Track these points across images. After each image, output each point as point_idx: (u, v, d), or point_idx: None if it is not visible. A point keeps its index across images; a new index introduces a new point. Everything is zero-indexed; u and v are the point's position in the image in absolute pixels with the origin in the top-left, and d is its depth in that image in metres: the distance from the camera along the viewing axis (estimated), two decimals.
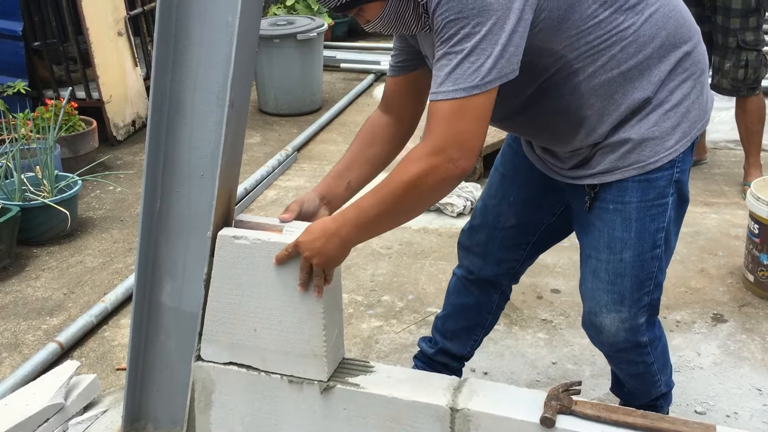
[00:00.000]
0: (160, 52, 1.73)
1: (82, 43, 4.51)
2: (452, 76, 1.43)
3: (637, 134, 1.64)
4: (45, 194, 3.40)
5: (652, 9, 1.61)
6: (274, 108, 5.33)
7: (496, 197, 2.00)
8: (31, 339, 2.73)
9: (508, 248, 2.02)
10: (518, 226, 1.98)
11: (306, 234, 1.65)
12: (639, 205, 1.68)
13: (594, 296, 1.78)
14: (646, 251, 1.71)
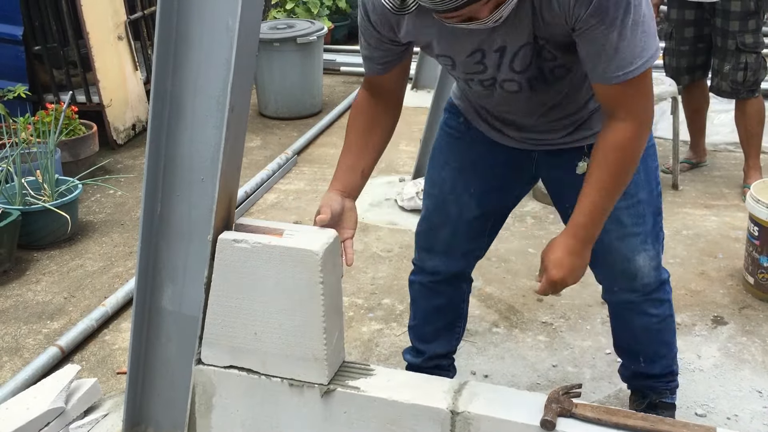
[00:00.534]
0: (160, 56, 1.73)
1: (82, 47, 4.52)
2: (640, 46, 1.48)
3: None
4: (45, 198, 3.41)
5: None
6: (274, 111, 5.34)
7: (454, 191, 1.97)
8: (32, 343, 2.73)
9: (472, 239, 2.02)
10: (481, 216, 1.98)
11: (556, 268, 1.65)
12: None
13: (624, 242, 1.83)
14: (654, 188, 1.84)
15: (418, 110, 5.25)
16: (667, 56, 3.92)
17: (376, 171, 4.30)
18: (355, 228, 1.84)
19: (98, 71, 4.46)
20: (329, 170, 4.37)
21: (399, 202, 3.76)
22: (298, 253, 1.71)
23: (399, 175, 4.19)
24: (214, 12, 1.67)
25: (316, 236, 1.75)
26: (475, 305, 2.90)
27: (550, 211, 3.67)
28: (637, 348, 2.05)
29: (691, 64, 3.83)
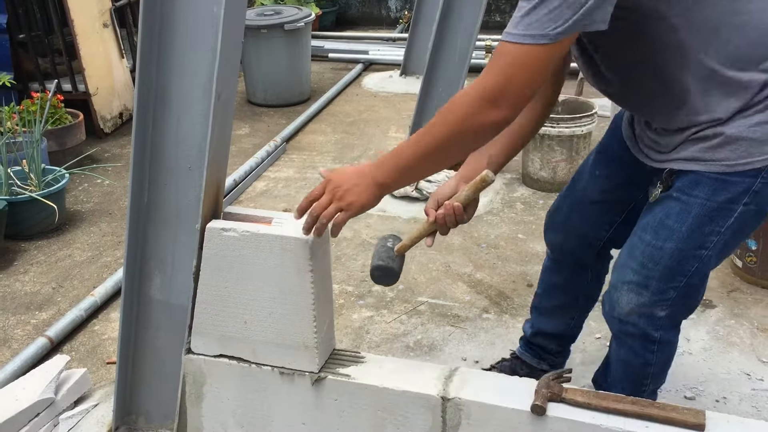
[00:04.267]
0: (144, 45, 1.71)
1: (67, 35, 4.47)
2: (526, 19, 1.37)
3: (734, 130, 1.54)
4: (32, 188, 3.38)
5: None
6: (262, 99, 5.30)
7: (585, 170, 1.97)
8: (20, 334, 2.72)
9: (589, 224, 1.97)
10: (602, 203, 1.92)
11: (337, 173, 1.58)
12: (704, 203, 1.60)
13: (621, 271, 1.73)
14: (691, 249, 1.63)
15: (407, 96, 5.24)
16: None
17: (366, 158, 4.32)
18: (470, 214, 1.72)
19: (84, 59, 4.41)
20: (318, 157, 4.36)
21: None
22: (287, 241, 1.70)
23: None
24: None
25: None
26: (465, 291, 2.90)
27: (540, 197, 3.67)
28: (609, 362, 1.97)
29: None
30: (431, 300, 2.84)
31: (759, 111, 1.54)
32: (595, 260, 2.05)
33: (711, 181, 1.58)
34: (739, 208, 1.59)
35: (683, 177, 1.63)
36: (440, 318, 2.73)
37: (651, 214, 1.69)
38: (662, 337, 1.75)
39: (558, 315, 2.16)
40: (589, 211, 1.96)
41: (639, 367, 1.82)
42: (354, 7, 7.90)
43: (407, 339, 2.62)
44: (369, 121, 4.90)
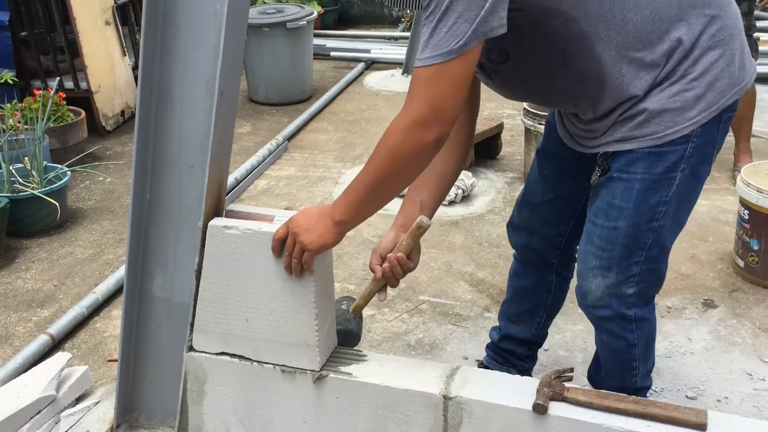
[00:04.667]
0: (147, 42, 1.71)
1: (69, 32, 4.47)
2: (431, 41, 1.42)
3: (656, 104, 1.60)
4: (34, 185, 3.38)
5: None
6: (264, 97, 5.31)
7: (535, 173, 2.02)
8: (22, 331, 2.72)
9: (550, 223, 2.01)
10: (557, 200, 1.97)
11: (301, 213, 1.65)
12: (644, 177, 1.66)
13: (584, 259, 1.79)
14: (642, 223, 1.69)
15: None
16: None
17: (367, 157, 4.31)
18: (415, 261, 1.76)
19: (86, 57, 4.42)
20: (320, 156, 4.36)
21: None
22: None
23: None
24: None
25: None
26: (467, 290, 2.90)
27: None
28: (598, 355, 2.02)
29: None
30: (433, 299, 2.84)
31: (674, 82, 1.60)
32: (560, 259, 2.09)
33: (646, 156, 1.65)
34: (678, 175, 1.66)
35: (619, 157, 1.69)
36: (442, 317, 2.73)
37: (598, 199, 1.76)
38: (636, 314, 1.80)
39: (527, 319, 2.18)
40: (546, 210, 1.99)
41: (624, 350, 1.87)
42: (356, 5, 7.90)
43: (408, 338, 2.62)
44: (371, 120, 4.90)
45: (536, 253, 2.08)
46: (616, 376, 1.95)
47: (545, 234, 2.04)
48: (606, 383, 1.97)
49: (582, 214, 1.96)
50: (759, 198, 2.75)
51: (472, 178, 3.71)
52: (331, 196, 3.76)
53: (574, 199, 1.97)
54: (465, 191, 3.65)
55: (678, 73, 1.60)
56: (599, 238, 1.75)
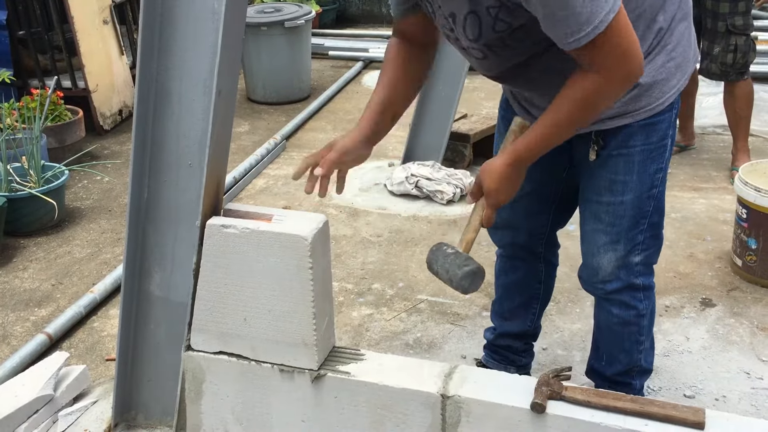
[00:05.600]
0: (145, 41, 1.71)
1: (67, 31, 4.47)
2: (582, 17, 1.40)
3: (647, 77, 1.66)
4: (32, 185, 3.37)
5: None
6: (262, 96, 5.30)
7: None
8: (20, 330, 2.71)
9: (532, 215, 2.03)
10: (535, 191, 1.97)
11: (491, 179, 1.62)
12: (642, 149, 1.73)
13: (593, 238, 1.85)
14: (644, 192, 1.78)
15: None
16: None
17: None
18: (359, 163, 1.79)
19: (84, 56, 4.41)
20: None
21: (389, 186, 3.75)
22: (288, 238, 1.70)
23: (388, 159, 4.17)
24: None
25: (306, 221, 1.74)
26: None
27: None
28: (599, 343, 2.05)
29: None
30: (431, 298, 2.84)
31: (657, 53, 1.68)
32: (545, 248, 2.12)
33: (642, 128, 1.72)
34: (669, 141, 1.77)
35: (615, 133, 1.74)
36: (440, 316, 2.73)
37: (598, 178, 1.80)
38: (643, 282, 1.89)
39: (521, 313, 2.20)
40: (526, 204, 1.99)
41: (634, 321, 1.92)
42: (354, 5, 7.90)
43: (407, 337, 2.62)
44: None
45: (522, 246, 2.10)
46: (622, 355, 1.98)
47: (529, 227, 2.06)
48: (611, 369, 2.00)
49: (560, 202, 2.00)
50: (757, 197, 2.75)
51: (470, 177, 3.71)
52: (329, 195, 3.75)
53: (552, 186, 1.99)
54: (463, 190, 3.64)
55: (660, 44, 1.67)
56: (607, 214, 1.80)
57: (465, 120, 4.14)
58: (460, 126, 4.04)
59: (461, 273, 1.59)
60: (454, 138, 3.95)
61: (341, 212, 3.57)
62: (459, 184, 3.64)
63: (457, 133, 3.97)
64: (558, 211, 2.04)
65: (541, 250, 2.11)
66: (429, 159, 3.84)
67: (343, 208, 3.62)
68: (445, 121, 3.88)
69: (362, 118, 1.77)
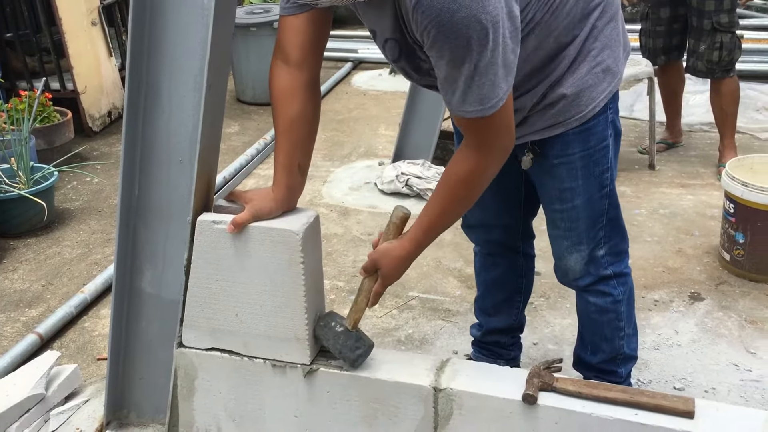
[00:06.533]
0: (135, 37, 1.71)
1: (55, 33, 4.45)
2: (473, 96, 1.47)
3: (572, 88, 1.68)
4: (21, 186, 3.36)
5: None
6: (251, 97, 5.30)
7: None
8: (10, 331, 2.70)
9: (502, 213, 2.06)
10: (501, 190, 1.98)
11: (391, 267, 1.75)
12: (582, 154, 1.76)
13: (556, 243, 1.92)
14: (595, 193, 1.81)
15: (397, 94, 5.25)
16: (643, 37, 3.95)
17: (356, 155, 4.33)
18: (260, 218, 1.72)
19: (72, 57, 4.40)
20: None
21: (379, 185, 3.75)
22: (279, 233, 1.70)
23: (378, 159, 4.18)
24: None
25: (296, 216, 1.75)
26: (456, 286, 2.91)
27: None
28: (582, 332, 2.08)
29: (666, 44, 3.86)
30: (422, 295, 2.85)
31: (581, 62, 1.69)
32: (522, 242, 2.15)
33: (577, 135, 1.74)
34: (609, 141, 1.79)
35: (551, 143, 1.77)
36: (431, 312, 2.74)
37: (546, 187, 1.86)
38: (614, 271, 1.92)
39: (505, 308, 2.22)
40: (494, 202, 2.02)
41: (610, 308, 1.95)
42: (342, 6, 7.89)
43: (398, 333, 2.62)
44: (359, 119, 4.91)
45: (499, 243, 2.12)
46: (605, 343, 2.00)
47: (502, 224, 2.08)
48: (595, 357, 2.02)
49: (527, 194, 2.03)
50: (744, 191, 2.78)
51: None
52: (320, 194, 3.76)
53: (515, 185, 2.01)
54: None
55: (582, 53, 1.68)
56: (562, 220, 1.86)
57: None
58: (449, 124, 4.05)
59: (353, 356, 1.74)
60: (444, 136, 3.97)
61: (332, 211, 3.57)
62: None
63: (446, 132, 3.98)
64: (527, 205, 2.07)
65: (519, 243, 2.14)
66: (419, 158, 3.85)
67: (334, 207, 3.62)
68: (434, 120, 3.89)
69: (275, 179, 1.74)
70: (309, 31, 1.66)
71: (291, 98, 1.68)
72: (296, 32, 1.65)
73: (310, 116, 1.72)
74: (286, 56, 1.67)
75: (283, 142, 1.71)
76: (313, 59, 1.70)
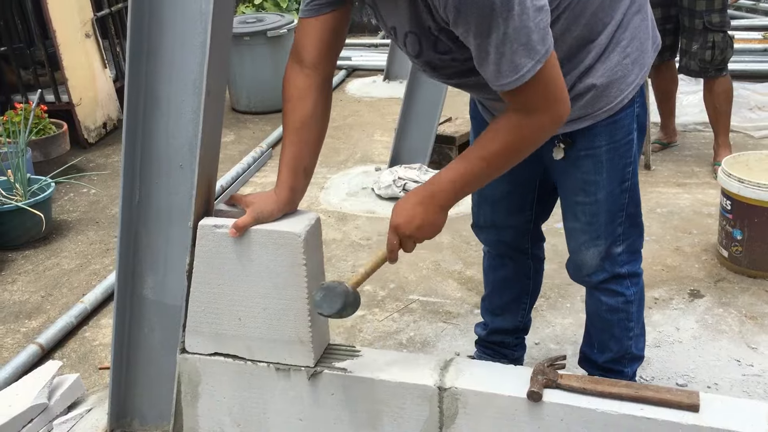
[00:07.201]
0: (134, 43, 1.71)
1: (49, 46, 4.46)
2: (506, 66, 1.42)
3: (602, 78, 1.68)
4: (18, 198, 3.36)
5: None
6: (246, 106, 5.31)
7: None
8: (10, 342, 2.69)
9: (514, 214, 2.05)
10: (514, 190, 2.00)
11: (401, 215, 1.60)
12: (608, 147, 1.76)
13: (574, 236, 1.90)
14: (616, 187, 1.80)
15: (391, 100, 5.27)
16: None
17: (352, 161, 4.34)
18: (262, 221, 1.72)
19: (66, 70, 4.40)
20: None
21: (376, 190, 3.76)
22: (281, 235, 1.70)
23: (375, 164, 4.19)
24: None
25: (298, 219, 1.75)
26: (456, 288, 2.92)
27: None
28: (591, 330, 2.08)
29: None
30: (422, 297, 2.85)
31: (611, 52, 1.68)
32: (531, 244, 2.14)
33: (605, 128, 1.74)
34: (634, 135, 1.79)
35: (579, 134, 1.76)
36: (432, 315, 2.74)
37: (571, 177, 1.83)
38: (628, 270, 1.92)
39: (512, 309, 2.22)
40: (506, 203, 2.03)
41: (622, 307, 1.95)
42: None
43: (400, 336, 2.62)
44: (354, 126, 4.92)
45: (508, 244, 2.12)
46: (613, 342, 1.99)
47: (513, 225, 2.08)
48: (603, 356, 2.02)
49: (539, 196, 2.02)
50: (741, 188, 2.79)
51: None
52: (317, 201, 3.76)
53: (530, 184, 2.01)
54: None
55: (612, 42, 1.67)
56: (584, 213, 1.84)
57: (450, 123, 4.17)
58: (445, 129, 4.07)
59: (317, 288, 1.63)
60: (440, 141, 3.98)
61: (330, 217, 3.57)
62: None
63: (442, 136, 4.00)
64: (539, 206, 2.06)
65: (528, 245, 2.13)
66: (415, 162, 3.86)
67: (332, 212, 3.63)
68: (430, 125, 3.91)
69: (279, 179, 1.73)
70: (326, 33, 1.67)
71: (304, 99, 1.69)
72: (313, 34, 1.67)
73: (321, 118, 1.73)
74: (302, 58, 1.69)
75: (292, 142, 1.71)
76: (327, 62, 1.71)
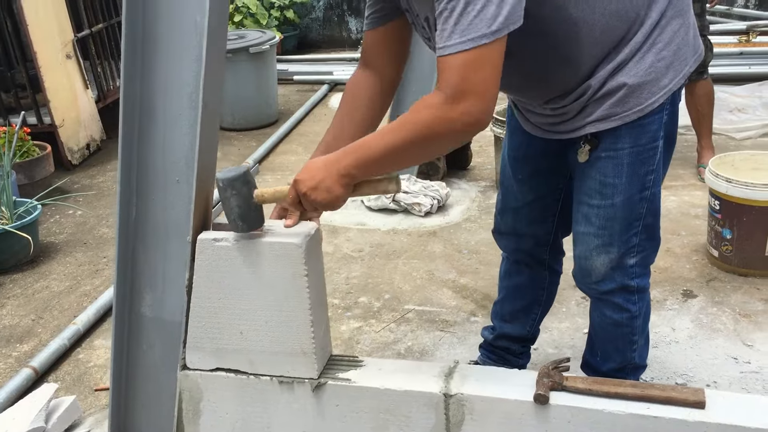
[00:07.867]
0: (128, 57, 1.70)
1: (30, 68, 4.42)
2: (457, 27, 1.38)
3: (634, 78, 1.64)
4: (5, 221, 3.32)
5: None
6: (230, 123, 5.30)
7: (509, 178, 2.03)
8: (2, 367, 2.65)
9: (535, 223, 2.04)
10: (537, 200, 1.99)
11: (304, 171, 1.60)
12: (631, 151, 1.71)
13: (585, 240, 1.83)
14: (635, 194, 1.74)
15: None
16: None
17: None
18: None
19: (48, 91, 4.37)
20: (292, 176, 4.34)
21: (366, 202, 3.76)
22: (281, 246, 1.69)
23: None
24: (182, 9, 1.66)
25: (298, 229, 1.74)
26: (451, 297, 2.91)
27: None
28: (593, 340, 2.06)
29: None
30: (418, 307, 2.85)
31: (646, 52, 1.65)
32: (550, 254, 2.13)
33: (630, 130, 1.69)
34: (660, 142, 1.73)
35: (604, 135, 1.72)
36: (429, 324, 2.74)
37: (588, 179, 1.78)
38: (638, 284, 1.87)
39: (522, 317, 2.21)
40: (529, 212, 2.02)
41: (626, 323, 1.91)
42: (315, 30, 7.95)
43: (398, 346, 2.61)
44: None
45: (527, 253, 2.11)
46: (616, 354, 1.98)
47: (533, 234, 2.06)
48: (605, 365, 2.01)
49: (563, 208, 2.01)
50: (728, 187, 2.82)
51: (446, 189, 3.74)
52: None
53: (553, 195, 2.00)
54: (440, 201, 3.67)
55: (648, 42, 1.64)
56: (597, 217, 1.78)
57: None
58: None
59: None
60: None
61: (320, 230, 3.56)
62: (436, 196, 3.67)
63: None
64: (562, 219, 2.03)
65: (546, 257, 2.12)
66: (404, 173, 3.86)
67: (322, 226, 3.59)
68: None
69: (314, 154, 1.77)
70: (387, 42, 1.77)
71: (361, 97, 1.80)
72: (374, 44, 1.79)
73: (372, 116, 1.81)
74: (366, 64, 1.81)
75: (339, 126, 1.79)
76: (390, 68, 1.80)
